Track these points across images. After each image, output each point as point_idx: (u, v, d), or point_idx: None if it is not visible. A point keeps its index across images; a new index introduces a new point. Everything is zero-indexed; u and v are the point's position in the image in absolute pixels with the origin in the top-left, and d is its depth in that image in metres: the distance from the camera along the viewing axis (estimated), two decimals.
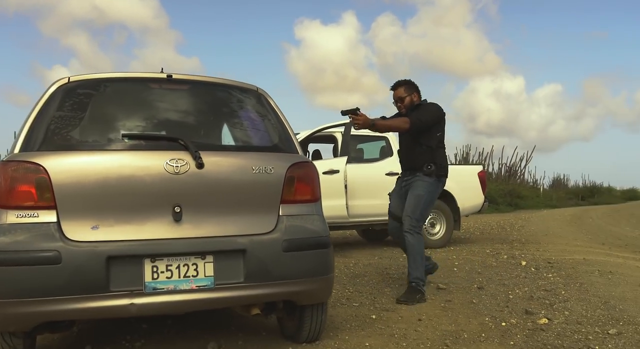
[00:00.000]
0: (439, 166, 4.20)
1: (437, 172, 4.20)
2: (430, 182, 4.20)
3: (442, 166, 4.23)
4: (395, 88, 4.31)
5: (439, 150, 4.24)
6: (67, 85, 2.71)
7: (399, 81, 4.33)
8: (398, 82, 4.32)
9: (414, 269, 4.16)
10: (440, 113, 4.23)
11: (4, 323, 2.38)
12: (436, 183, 4.23)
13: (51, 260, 2.32)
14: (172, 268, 2.47)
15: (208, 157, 2.60)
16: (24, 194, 2.41)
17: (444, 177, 4.29)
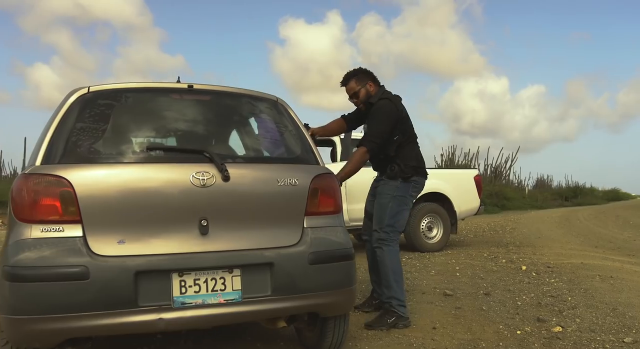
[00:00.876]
0: (403, 166, 3.73)
1: (401, 174, 3.74)
2: (395, 186, 3.75)
3: (408, 166, 3.75)
4: (346, 83, 3.86)
5: (401, 151, 3.75)
6: (86, 95, 2.65)
7: (347, 73, 3.87)
8: (347, 75, 3.87)
9: (386, 288, 3.69)
10: (393, 117, 3.68)
11: (30, 339, 2.33)
12: (403, 185, 3.75)
13: (79, 276, 2.27)
14: (200, 282, 2.44)
15: (234, 169, 2.57)
16: (48, 208, 2.36)
17: (415, 176, 3.78)
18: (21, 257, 2.28)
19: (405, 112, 3.82)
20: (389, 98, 3.75)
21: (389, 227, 3.73)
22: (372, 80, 3.85)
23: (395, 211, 3.74)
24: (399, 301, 3.62)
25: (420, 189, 3.89)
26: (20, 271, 2.26)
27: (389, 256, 3.69)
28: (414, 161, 3.80)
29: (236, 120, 2.98)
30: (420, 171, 3.84)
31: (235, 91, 2.94)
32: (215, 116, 2.91)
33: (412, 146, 3.84)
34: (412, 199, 3.84)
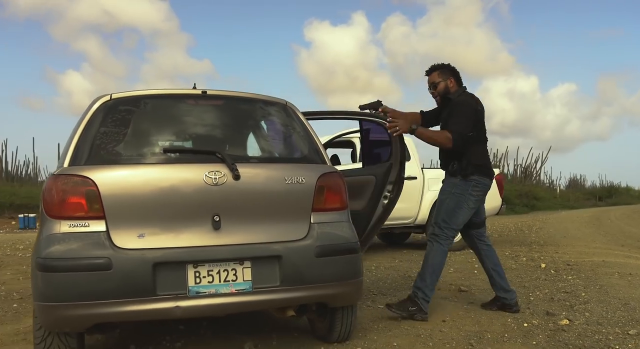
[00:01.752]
0: (464, 164, 3.72)
1: (461, 172, 3.74)
2: (454, 183, 3.78)
3: (470, 164, 3.72)
4: (429, 73, 3.95)
5: (467, 149, 3.72)
6: (109, 102, 2.89)
7: (433, 65, 3.96)
8: (432, 67, 3.96)
9: (420, 279, 3.75)
10: (473, 110, 3.75)
11: (60, 324, 2.57)
12: (462, 183, 3.74)
13: (103, 266, 2.50)
14: (213, 273, 2.64)
15: (244, 168, 2.76)
16: (75, 206, 2.59)
17: (476, 175, 3.73)
18: (52, 250, 2.52)
19: (483, 114, 3.88)
20: (471, 96, 3.86)
21: (444, 223, 3.77)
22: (455, 78, 3.90)
23: (451, 208, 3.75)
24: (425, 295, 3.69)
25: (483, 189, 3.81)
26: (51, 262, 2.50)
27: (435, 253, 3.75)
28: (478, 160, 3.77)
29: (247, 123, 3.17)
30: (484, 170, 3.80)
31: (246, 95, 3.14)
32: (227, 119, 3.11)
33: (480, 146, 3.83)
34: (474, 198, 3.76)
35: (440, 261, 3.76)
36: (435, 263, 3.75)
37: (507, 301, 3.91)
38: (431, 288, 3.72)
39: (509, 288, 3.97)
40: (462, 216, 3.76)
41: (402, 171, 4.13)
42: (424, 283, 3.71)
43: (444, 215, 3.78)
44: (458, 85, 3.91)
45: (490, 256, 3.98)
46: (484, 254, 4.00)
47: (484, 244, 4.01)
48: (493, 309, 3.94)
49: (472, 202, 3.77)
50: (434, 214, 3.96)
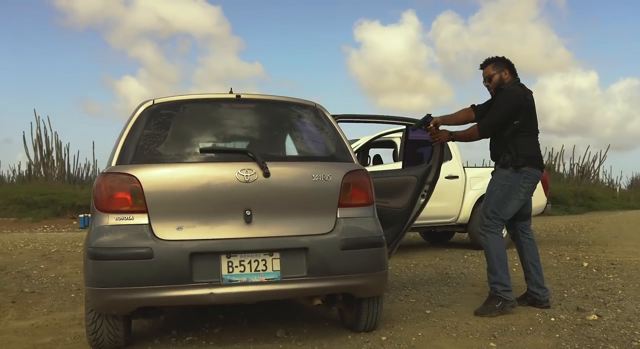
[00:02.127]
0: (515, 155, 3.76)
1: (513, 163, 3.77)
2: (505, 174, 3.82)
3: (520, 155, 3.75)
4: (484, 66, 4.01)
5: (517, 138, 3.79)
6: (152, 107, 3.17)
7: (488, 58, 4.03)
8: (487, 60, 4.02)
9: (491, 273, 3.81)
10: (516, 101, 3.77)
11: (108, 307, 2.86)
12: (514, 175, 3.78)
13: (145, 256, 2.76)
14: (245, 263, 2.86)
15: (273, 167, 2.97)
16: (121, 201, 2.87)
17: (527, 167, 3.77)
18: (101, 240, 2.81)
19: (533, 105, 3.89)
20: (520, 86, 3.89)
21: (492, 213, 3.82)
22: (509, 70, 3.94)
23: (500, 199, 3.81)
24: (503, 286, 3.73)
25: (534, 180, 3.84)
26: (100, 251, 2.79)
27: (492, 242, 3.81)
28: (529, 151, 3.80)
29: (278, 124, 3.38)
30: (535, 162, 3.83)
31: (278, 99, 3.36)
32: (259, 121, 3.34)
33: (531, 137, 3.86)
34: (524, 190, 3.81)
35: (501, 249, 3.82)
36: (499, 252, 3.80)
37: (539, 297, 3.93)
38: (507, 277, 3.77)
39: (544, 284, 3.98)
40: (511, 206, 3.81)
41: (438, 173, 4.29)
42: (497, 275, 3.77)
43: (493, 206, 3.83)
44: (512, 76, 3.94)
45: (530, 250, 4.03)
46: (525, 247, 4.04)
47: (527, 238, 4.05)
48: (524, 304, 3.97)
49: (523, 194, 3.81)
50: (482, 206, 4.03)
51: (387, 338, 3.23)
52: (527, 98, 3.83)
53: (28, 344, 3.32)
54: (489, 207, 3.85)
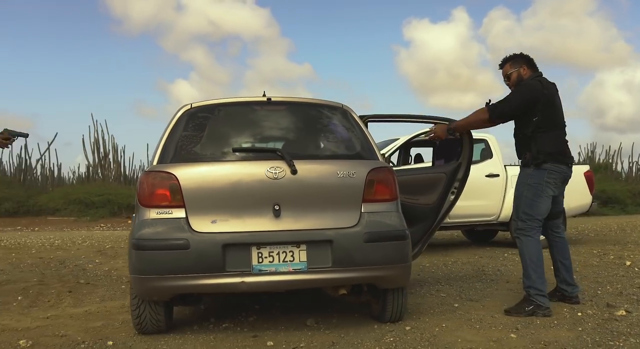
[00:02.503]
0: (536, 152, 3.73)
1: (534, 161, 3.75)
2: (528, 173, 3.80)
3: (541, 152, 3.72)
4: (502, 66, 4.00)
5: (538, 135, 3.74)
6: (190, 110, 3.44)
7: (505, 57, 4.00)
8: (504, 59, 4.00)
9: (525, 277, 3.77)
10: (532, 95, 3.72)
11: (149, 293, 3.12)
12: (537, 172, 3.74)
13: (182, 246, 3.01)
14: (274, 254, 3.07)
15: (300, 164, 3.17)
16: (161, 197, 3.13)
17: (549, 163, 3.72)
18: (143, 232, 3.07)
19: (554, 99, 3.81)
20: (539, 80, 3.82)
21: (525, 215, 3.76)
22: (528, 65, 3.90)
23: (530, 199, 3.75)
24: (537, 290, 3.66)
25: (558, 176, 3.78)
26: (142, 242, 3.05)
27: (527, 246, 3.76)
28: (551, 148, 3.74)
29: (306, 125, 3.57)
30: (558, 157, 3.76)
31: (306, 101, 3.56)
32: (288, 122, 3.55)
33: (554, 133, 3.79)
34: (550, 186, 3.75)
35: (537, 252, 3.75)
36: (533, 256, 3.74)
37: (567, 293, 3.94)
38: (541, 281, 3.69)
39: (573, 282, 3.99)
40: (542, 205, 3.76)
41: (468, 170, 4.36)
42: (530, 279, 3.71)
43: (525, 207, 3.78)
44: (532, 71, 3.90)
45: (560, 249, 4.00)
46: (555, 245, 4.02)
47: (557, 236, 4.02)
48: (553, 299, 3.96)
49: (550, 190, 3.76)
50: (513, 209, 3.96)
51: (411, 328, 3.36)
52: (545, 92, 3.75)
53: (81, 327, 3.64)
54: (520, 209, 3.80)
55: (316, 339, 3.21)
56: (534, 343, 3.02)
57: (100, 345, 3.18)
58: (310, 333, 3.34)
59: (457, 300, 4.17)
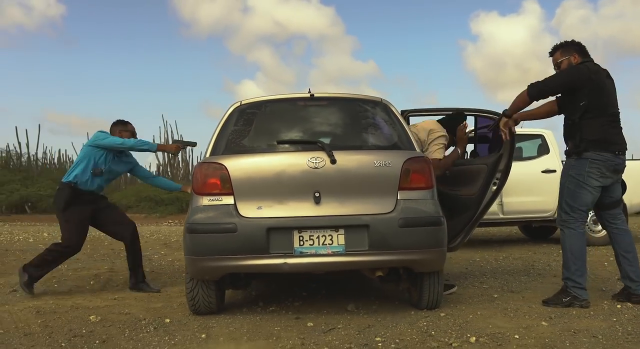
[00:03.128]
0: (578, 141, 3.64)
1: (574, 150, 3.67)
2: (570, 164, 3.73)
3: (584, 140, 3.63)
4: (553, 53, 3.89)
5: (584, 121, 3.63)
6: (240, 107, 3.73)
7: (556, 45, 3.89)
8: (555, 46, 3.89)
9: (565, 269, 3.73)
10: (574, 77, 3.65)
11: (201, 273, 3.42)
12: (578, 162, 3.66)
13: (231, 230, 3.28)
14: (314, 237, 3.29)
15: (339, 155, 3.38)
16: (212, 185, 3.42)
17: (592, 151, 3.62)
18: (196, 218, 3.37)
19: (604, 84, 3.69)
20: (587, 65, 3.72)
21: (568, 207, 3.71)
22: (579, 53, 3.80)
23: (572, 191, 3.68)
24: (574, 283, 3.63)
25: (603, 165, 3.63)
26: (195, 226, 3.35)
27: (569, 238, 3.71)
28: (594, 135, 3.62)
29: (346, 118, 3.78)
30: (602, 145, 3.62)
31: (347, 96, 3.76)
32: (330, 116, 3.77)
33: (602, 119, 3.65)
34: (595, 176, 3.64)
35: (578, 245, 3.69)
36: (574, 248, 3.68)
37: (632, 290, 3.74)
38: (580, 274, 3.64)
39: (637, 278, 3.73)
40: (585, 196, 3.66)
41: (510, 161, 4.40)
42: (569, 271, 3.67)
43: (567, 198, 3.72)
44: (582, 57, 3.79)
45: (620, 241, 3.83)
46: (614, 238, 3.87)
47: (615, 227, 3.86)
48: (621, 300, 3.77)
49: (595, 180, 3.64)
50: (557, 201, 3.87)
51: (445, 314, 3.49)
52: (592, 77, 3.63)
53: (143, 307, 4.01)
54: (563, 200, 3.74)
55: (354, 322, 3.40)
56: (564, 330, 3.08)
57: (158, 322, 3.51)
58: (349, 317, 3.54)
59: (497, 291, 4.24)
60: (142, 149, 4.77)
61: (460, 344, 2.85)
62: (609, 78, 3.77)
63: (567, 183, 3.74)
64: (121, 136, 4.70)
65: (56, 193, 4.66)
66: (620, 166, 3.74)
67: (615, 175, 3.75)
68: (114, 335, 3.23)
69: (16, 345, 3.06)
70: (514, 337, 2.97)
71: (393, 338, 3.01)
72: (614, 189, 3.83)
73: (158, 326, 3.41)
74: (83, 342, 3.10)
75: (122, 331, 3.32)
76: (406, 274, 3.66)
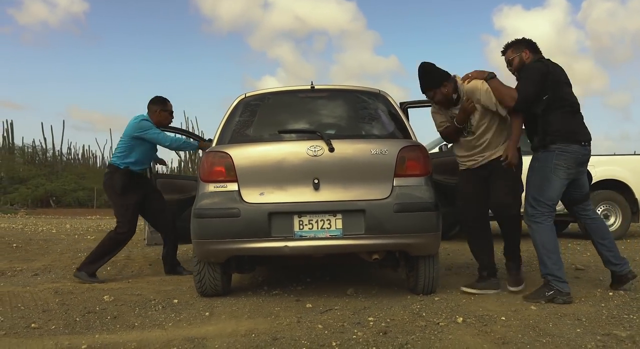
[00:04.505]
0: (543, 134, 3.63)
1: (540, 143, 3.65)
2: (536, 157, 3.70)
3: (549, 133, 3.61)
4: (504, 52, 3.91)
5: (549, 114, 3.61)
6: (244, 99, 3.92)
7: (507, 43, 3.92)
8: (506, 45, 3.91)
9: (542, 265, 3.65)
10: (539, 75, 3.63)
11: (207, 255, 3.61)
12: (544, 155, 3.64)
13: (234, 214, 3.47)
14: (313, 222, 3.46)
15: (337, 143, 3.54)
16: (218, 173, 3.61)
17: (559, 143, 3.60)
18: (202, 203, 3.57)
19: (561, 78, 3.70)
20: (542, 62, 3.74)
21: (534, 201, 3.65)
22: (529, 49, 3.81)
23: (538, 184, 3.66)
24: (554, 277, 3.56)
25: (570, 157, 3.62)
26: (202, 211, 3.54)
27: (538, 233, 3.65)
28: (559, 126, 3.61)
29: (345, 109, 3.95)
30: (568, 136, 3.62)
31: (347, 87, 3.93)
32: (329, 107, 3.94)
33: (561, 111, 3.64)
34: (562, 168, 3.62)
35: (549, 239, 3.63)
36: (545, 242, 3.62)
37: (618, 272, 3.82)
38: (558, 268, 3.59)
39: (618, 260, 3.83)
40: (552, 190, 3.63)
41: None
42: (546, 267, 3.61)
43: (534, 192, 3.67)
44: (534, 54, 3.81)
45: (595, 229, 3.90)
46: (589, 227, 3.94)
47: (588, 218, 3.94)
48: (615, 286, 3.84)
49: (562, 172, 3.62)
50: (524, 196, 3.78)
51: (439, 298, 3.63)
52: (550, 70, 3.66)
53: (154, 290, 4.23)
54: (529, 195, 3.70)
55: (351, 304, 3.56)
56: (551, 314, 3.19)
57: (167, 302, 3.72)
58: (347, 300, 3.69)
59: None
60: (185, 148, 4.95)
61: (447, 324, 2.98)
62: (565, 74, 3.78)
63: (533, 177, 3.72)
64: (160, 116, 4.81)
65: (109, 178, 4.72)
66: (586, 157, 3.75)
67: (581, 168, 3.77)
68: (124, 312, 3.44)
69: (35, 319, 3.29)
70: (500, 319, 3.09)
71: (385, 318, 3.16)
72: (582, 184, 3.87)
73: (166, 306, 3.61)
74: (95, 317, 3.31)
75: (132, 309, 3.53)
76: (404, 259, 3.80)
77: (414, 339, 2.71)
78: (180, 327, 3.08)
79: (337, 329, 2.93)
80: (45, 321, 3.25)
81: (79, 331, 3.02)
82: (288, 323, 3.09)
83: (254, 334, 2.88)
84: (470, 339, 2.72)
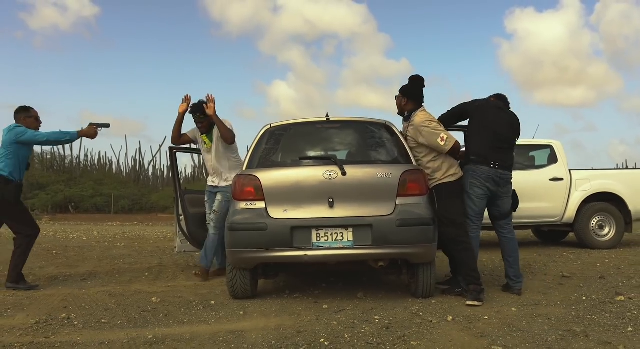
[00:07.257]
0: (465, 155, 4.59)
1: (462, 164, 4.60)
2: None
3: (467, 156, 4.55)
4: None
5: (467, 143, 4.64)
6: (270, 129, 4.61)
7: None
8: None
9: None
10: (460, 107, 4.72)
11: (239, 262, 4.29)
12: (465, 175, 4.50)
13: (262, 228, 4.14)
14: (328, 234, 4.12)
15: (349, 168, 4.22)
16: (248, 193, 4.28)
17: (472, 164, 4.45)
18: (235, 218, 4.24)
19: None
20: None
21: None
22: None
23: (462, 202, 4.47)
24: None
25: (481, 175, 4.40)
26: (235, 225, 4.22)
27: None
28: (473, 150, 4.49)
29: (355, 138, 4.63)
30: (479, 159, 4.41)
31: (356, 119, 4.62)
32: (341, 136, 4.64)
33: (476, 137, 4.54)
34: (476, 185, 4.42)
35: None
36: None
37: (511, 285, 4.61)
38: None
39: (515, 277, 4.60)
40: (472, 204, 4.47)
41: None
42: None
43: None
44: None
45: (505, 246, 4.66)
46: (501, 243, 4.70)
47: (503, 235, 4.67)
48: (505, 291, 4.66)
49: (478, 188, 4.43)
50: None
51: (436, 301, 4.28)
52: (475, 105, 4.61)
53: (192, 293, 4.90)
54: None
55: (361, 305, 4.21)
56: (527, 315, 3.82)
57: (206, 303, 4.39)
58: (357, 302, 4.35)
59: (489, 287, 4.92)
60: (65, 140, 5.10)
61: (439, 322, 3.63)
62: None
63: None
64: (26, 122, 5.07)
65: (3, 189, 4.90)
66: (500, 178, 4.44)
67: (499, 188, 4.48)
68: (172, 311, 4.12)
69: (101, 316, 3.98)
70: (484, 318, 3.73)
71: (388, 316, 3.81)
72: (503, 204, 4.60)
73: (206, 306, 4.29)
74: (150, 315, 3.99)
75: (178, 308, 4.21)
76: (405, 267, 4.45)
77: (410, 333, 3.36)
78: (221, 323, 3.75)
79: (349, 325, 3.58)
80: (110, 317, 3.94)
81: (141, 325, 3.71)
82: (309, 320, 3.75)
83: (282, 328, 3.54)
84: (456, 333, 3.36)
